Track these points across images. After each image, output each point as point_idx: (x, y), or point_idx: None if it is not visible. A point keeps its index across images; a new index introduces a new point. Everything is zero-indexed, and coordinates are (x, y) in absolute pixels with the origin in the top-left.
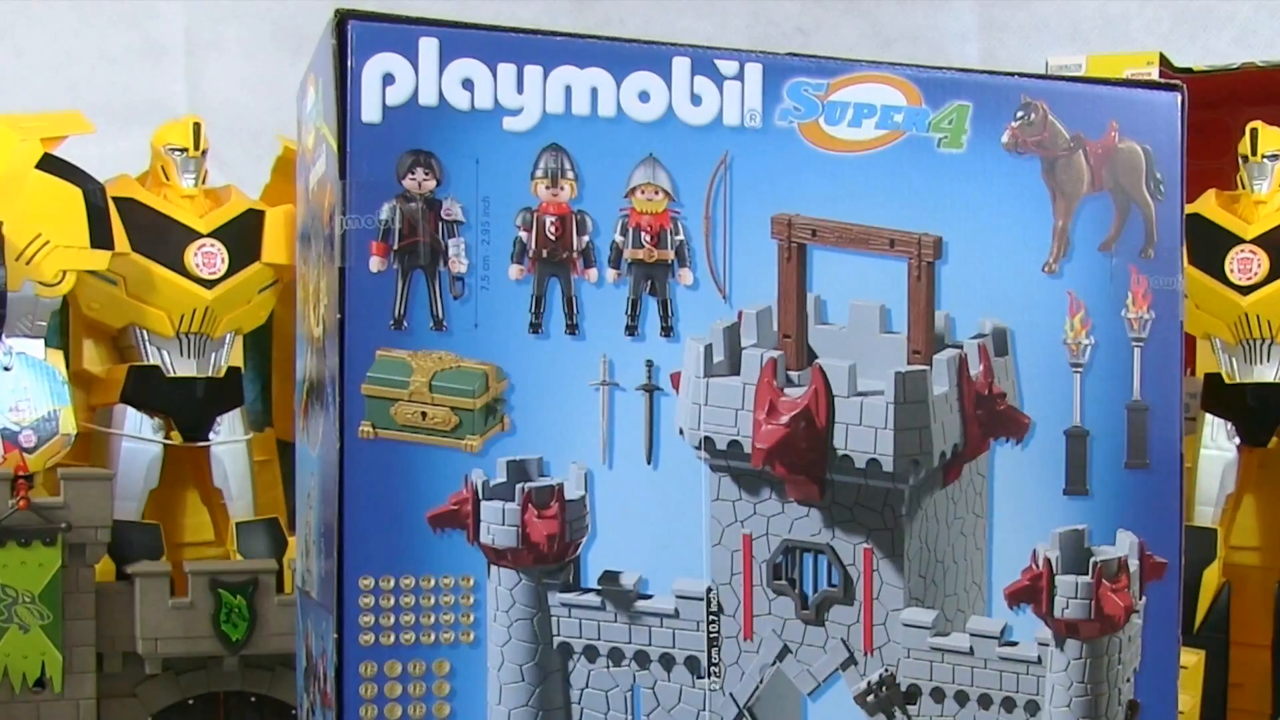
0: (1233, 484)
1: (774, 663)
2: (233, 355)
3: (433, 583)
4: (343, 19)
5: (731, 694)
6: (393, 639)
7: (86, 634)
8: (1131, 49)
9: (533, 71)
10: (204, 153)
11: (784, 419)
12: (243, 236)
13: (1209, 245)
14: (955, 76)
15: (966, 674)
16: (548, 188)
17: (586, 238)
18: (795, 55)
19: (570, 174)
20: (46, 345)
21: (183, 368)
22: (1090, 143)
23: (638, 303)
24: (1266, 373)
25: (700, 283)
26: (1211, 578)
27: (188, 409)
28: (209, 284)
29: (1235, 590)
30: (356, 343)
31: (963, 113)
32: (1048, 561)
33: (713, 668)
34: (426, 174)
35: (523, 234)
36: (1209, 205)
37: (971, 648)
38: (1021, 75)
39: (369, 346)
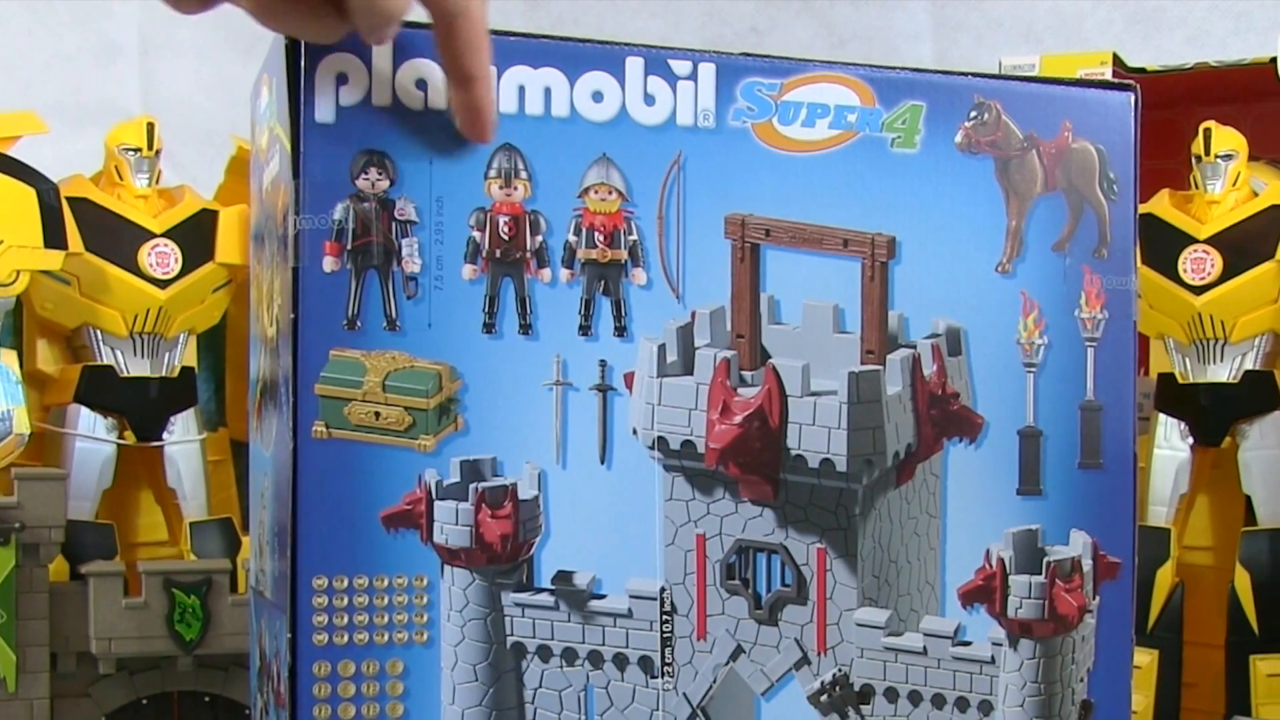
0: (1186, 484)
1: (727, 662)
2: (186, 355)
3: (386, 582)
4: None
5: (685, 694)
6: (346, 639)
7: (40, 634)
8: (1085, 49)
9: None
10: (158, 153)
11: (737, 419)
12: (196, 236)
13: (1162, 245)
14: (909, 76)
15: (920, 674)
16: (501, 188)
17: (540, 238)
18: (749, 55)
19: (524, 174)
20: (0, 345)
21: (136, 368)
22: (1044, 143)
23: (591, 303)
24: (1219, 372)
25: (654, 283)
26: (1165, 577)
27: (141, 409)
28: (162, 284)
29: (1188, 590)
30: (310, 343)
31: (916, 113)
32: (1001, 561)
33: (666, 668)
34: (380, 174)
35: (476, 234)
36: (1162, 205)
37: (925, 647)
38: (975, 75)
39: (322, 346)
